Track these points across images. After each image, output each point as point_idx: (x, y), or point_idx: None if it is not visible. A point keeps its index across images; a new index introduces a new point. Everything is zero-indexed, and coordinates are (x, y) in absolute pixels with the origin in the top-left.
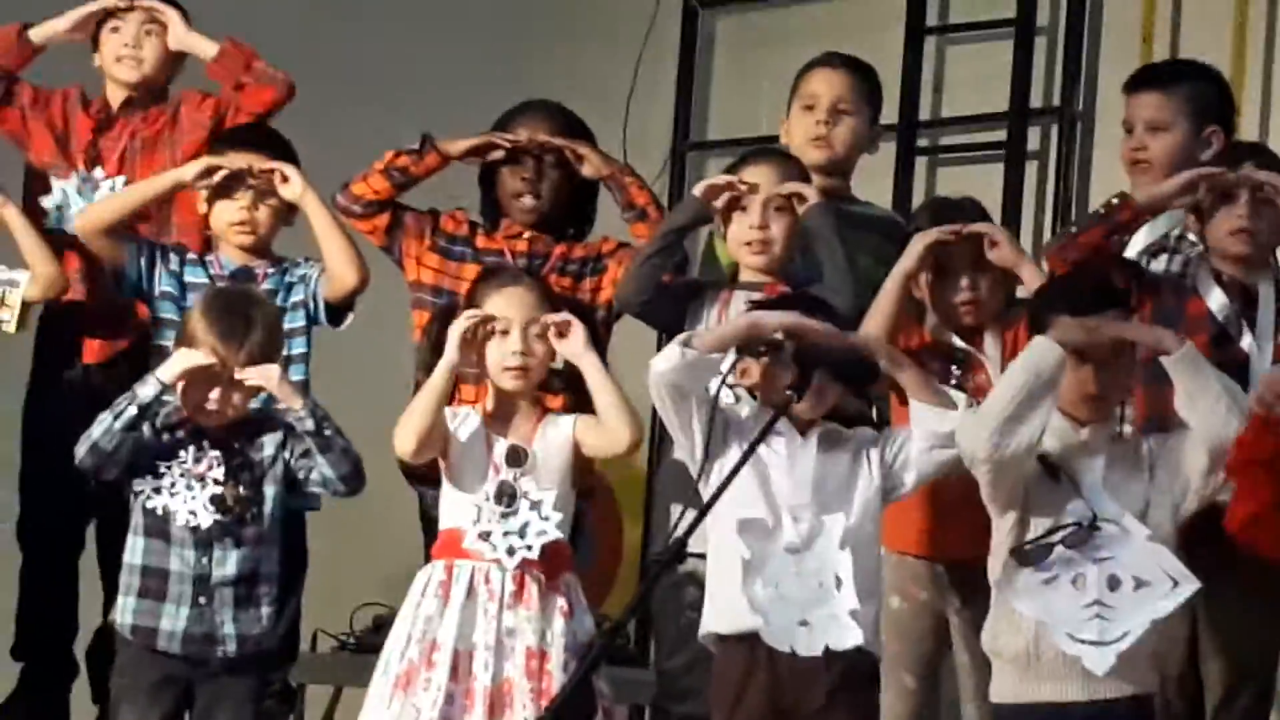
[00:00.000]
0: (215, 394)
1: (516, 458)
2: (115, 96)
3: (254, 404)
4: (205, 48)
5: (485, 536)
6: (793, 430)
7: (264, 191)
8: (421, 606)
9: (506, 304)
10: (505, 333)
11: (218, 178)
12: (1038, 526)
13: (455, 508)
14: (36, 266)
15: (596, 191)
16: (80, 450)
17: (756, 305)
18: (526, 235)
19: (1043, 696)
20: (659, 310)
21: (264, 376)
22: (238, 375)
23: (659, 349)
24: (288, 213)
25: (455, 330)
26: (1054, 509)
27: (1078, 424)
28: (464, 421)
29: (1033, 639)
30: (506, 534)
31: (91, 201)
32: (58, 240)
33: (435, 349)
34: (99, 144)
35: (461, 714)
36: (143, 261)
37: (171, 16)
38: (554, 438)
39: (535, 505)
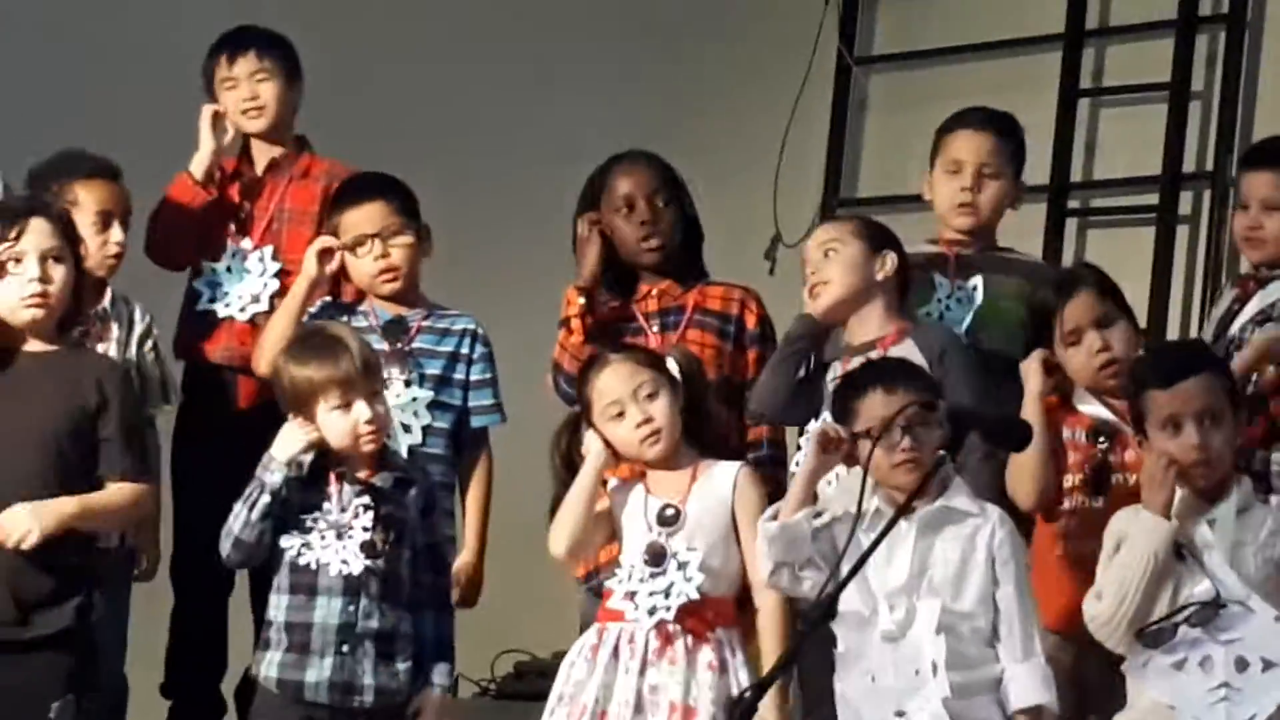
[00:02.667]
0: (363, 415)
1: (667, 518)
2: (259, 157)
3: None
4: None
5: (631, 596)
6: (888, 511)
7: (394, 232)
8: (573, 669)
9: (609, 386)
10: (621, 415)
11: (335, 263)
12: (1162, 605)
13: (616, 570)
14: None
15: (700, 229)
16: (225, 547)
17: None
18: (654, 292)
19: None
20: (795, 413)
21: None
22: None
23: None
24: (426, 246)
25: (595, 446)
26: (1179, 587)
27: (1202, 499)
28: (626, 489)
29: None
30: (651, 594)
31: (242, 280)
32: (213, 320)
33: (565, 461)
34: (247, 210)
35: None
36: None
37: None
38: (711, 491)
39: (682, 566)
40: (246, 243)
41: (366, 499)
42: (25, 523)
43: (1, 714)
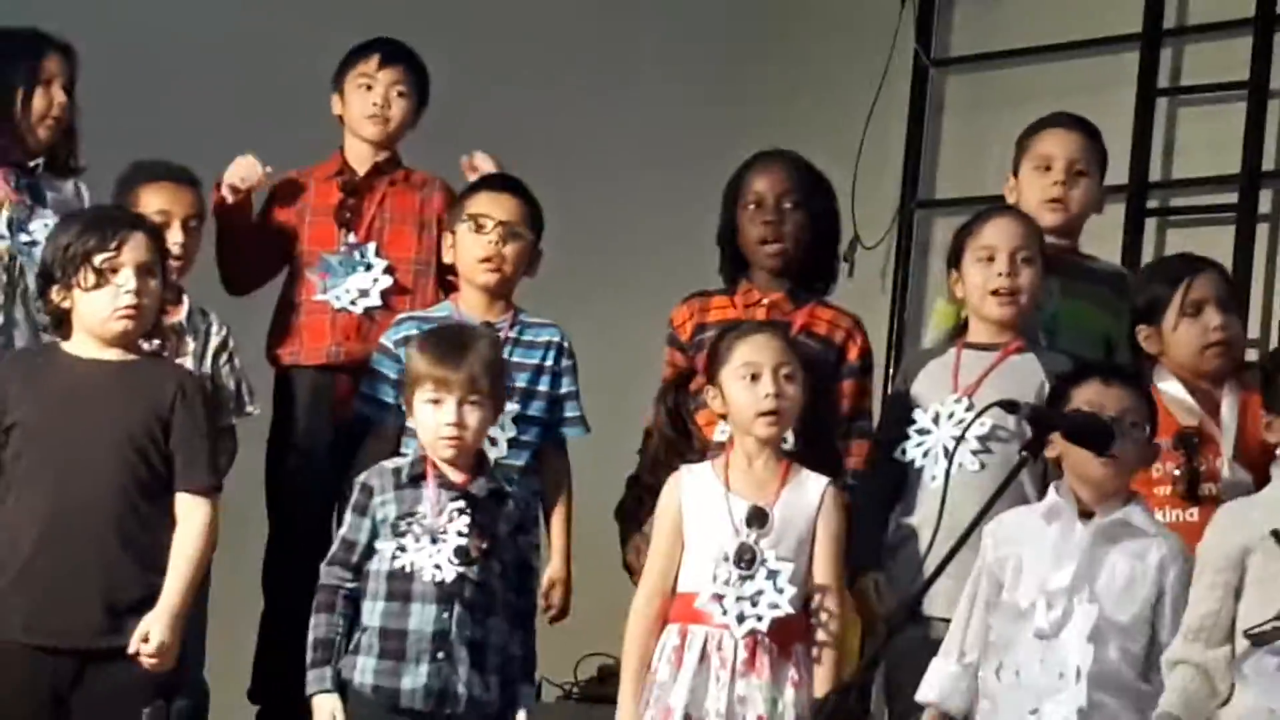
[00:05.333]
0: (446, 417)
1: (758, 519)
2: (358, 159)
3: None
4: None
5: (719, 599)
6: (1071, 514)
7: (515, 232)
8: (657, 673)
9: (753, 350)
10: (755, 378)
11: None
12: (1269, 605)
13: (692, 571)
14: None
15: (838, 238)
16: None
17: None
18: (765, 301)
19: None
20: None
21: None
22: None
23: None
24: (534, 260)
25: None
26: None
27: None
28: (702, 479)
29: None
30: (739, 599)
31: (354, 273)
32: (312, 321)
33: (672, 417)
34: (349, 209)
35: None
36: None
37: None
38: (800, 501)
39: (772, 575)
40: (352, 238)
41: (461, 504)
42: (161, 638)
43: (92, 718)
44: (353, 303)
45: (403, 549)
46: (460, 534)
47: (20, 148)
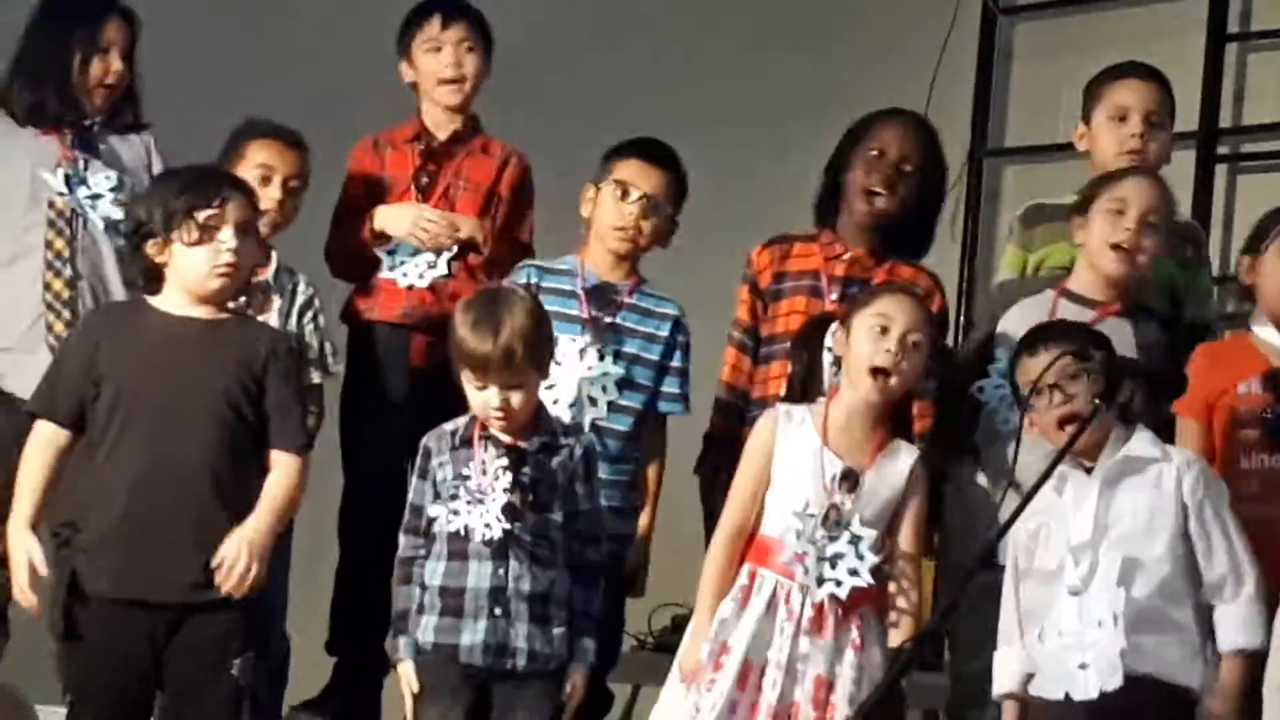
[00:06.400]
0: (492, 401)
1: (850, 482)
2: (437, 124)
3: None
4: None
5: (800, 557)
6: (1077, 471)
7: (658, 205)
8: (720, 608)
9: (892, 305)
10: (885, 330)
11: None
12: None
13: (776, 516)
14: None
15: (939, 211)
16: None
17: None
18: (847, 256)
19: None
20: None
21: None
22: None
23: None
24: (669, 233)
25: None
26: None
27: None
28: (799, 427)
29: None
30: (820, 560)
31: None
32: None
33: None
34: (428, 175)
35: None
36: None
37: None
38: (890, 471)
39: (855, 540)
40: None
41: (505, 461)
42: (245, 563)
43: (186, 669)
44: (420, 276)
45: (456, 512)
46: (506, 490)
47: (76, 111)
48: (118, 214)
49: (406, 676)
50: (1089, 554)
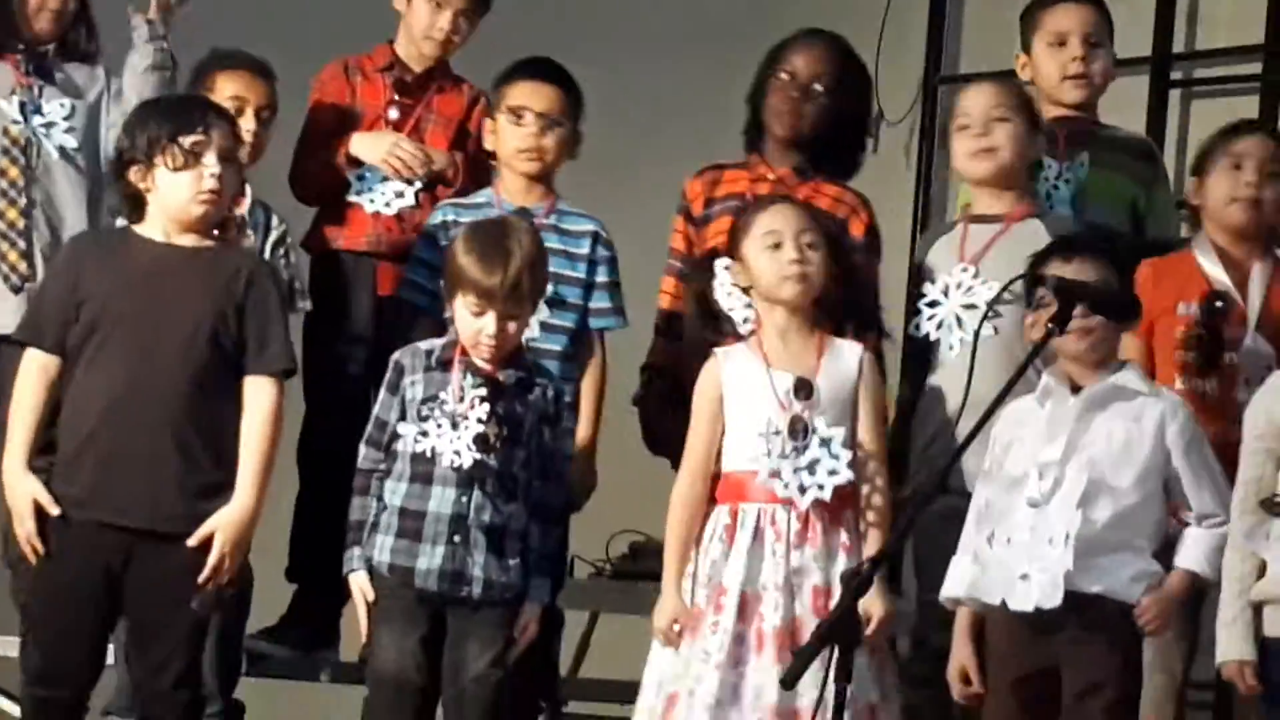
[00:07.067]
0: (488, 328)
1: (805, 390)
2: (412, 58)
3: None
4: None
5: (776, 474)
6: (1063, 388)
7: (555, 121)
8: (708, 552)
9: (773, 219)
10: (778, 246)
11: None
12: None
13: (737, 449)
14: None
15: (864, 131)
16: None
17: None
18: (771, 176)
19: None
20: None
21: None
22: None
23: None
24: (574, 145)
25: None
26: None
27: None
28: (741, 360)
29: None
30: (796, 470)
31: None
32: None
33: (699, 300)
34: (400, 108)
35: (750, 654)
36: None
37: None
38: (837, 369)
39: (825, 442)
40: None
41: (483, 391)
42: (231, 558)
43: (148, 600)
44: (387, 204)
45: (425, 433)
46: (480, 421)
47: (19, 37)
48: (72, 142)
49: (360, 586)
50: (1055, 470)
